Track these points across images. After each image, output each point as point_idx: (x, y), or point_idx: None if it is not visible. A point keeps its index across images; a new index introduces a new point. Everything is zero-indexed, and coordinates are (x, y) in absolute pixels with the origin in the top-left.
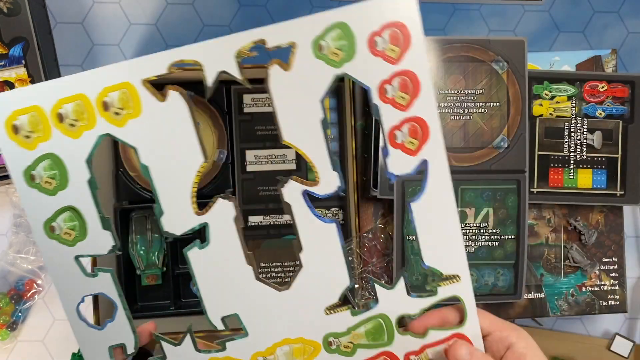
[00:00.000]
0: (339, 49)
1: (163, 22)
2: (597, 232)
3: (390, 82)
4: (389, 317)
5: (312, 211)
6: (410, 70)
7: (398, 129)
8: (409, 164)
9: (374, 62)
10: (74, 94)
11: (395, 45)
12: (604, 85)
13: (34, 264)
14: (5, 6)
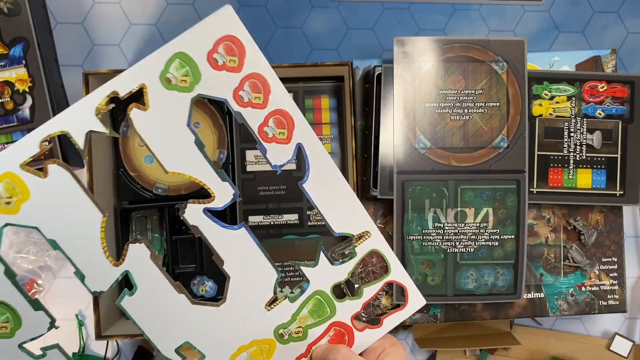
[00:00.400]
0: (185, 76)
1: (163, 22)
2: (596, 232)
3: (242, 88)
4: (324, 291)
5: (219, 224)
6: (255, 72)
7: (265, 125)
8: (286, 152)
9: (220, 77)
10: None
11: (233, 56)
12: (603, 85)
13: (34, 264)
14: (6, 6)
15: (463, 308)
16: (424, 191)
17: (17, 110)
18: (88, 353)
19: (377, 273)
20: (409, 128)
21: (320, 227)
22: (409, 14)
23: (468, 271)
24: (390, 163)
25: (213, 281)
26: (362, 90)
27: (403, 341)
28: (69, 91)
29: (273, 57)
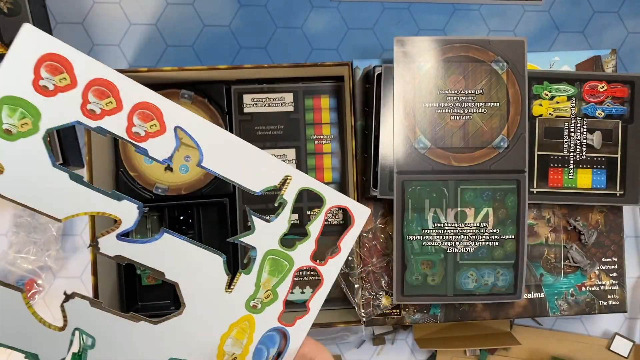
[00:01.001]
0: (23, 119)
1: (163, 22)
2: (596, 232)
3: (89, 101)
4: (273, 249)
5: (138, 242)
6: (93, 78)
7: (132, 126)
8: (168, 141)
9: (59, 101)
10: None
11: (61, 74)
12: (603, 85)
13: (35, 264)
14: (6, 6)
15: (463, 308)
16: (424, 191)
17: None
18: None
19: (377, 273)
20: (409, 128)
21: None
22: (409, 14)
23: (468, 271)
24: (390, 163)
25: None
26: (362, 90)
27: (403, 341)
28: None
29: (273, 57)
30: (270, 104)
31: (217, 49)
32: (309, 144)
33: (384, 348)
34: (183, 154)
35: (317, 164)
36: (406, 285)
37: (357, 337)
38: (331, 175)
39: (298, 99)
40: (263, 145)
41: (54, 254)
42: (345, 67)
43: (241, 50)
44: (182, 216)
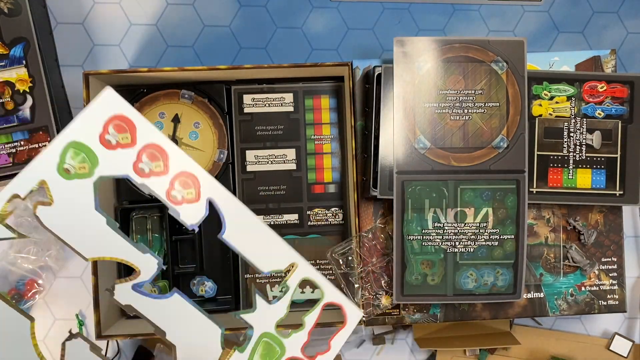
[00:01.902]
0: (82, 163)
1: (163, 22)
2: (596, 232)
3: (141, 160)
4: (269, 332)
5: (151, 296)
6: (150, 142)
7: (172, 189)
8: (199, 209)
9: (117, 155)
10: None
11: (124, 133)
12: (603, 85)
13: (35, 264)
14: (6, 7)
15: (463, 308)
16: (423, 191)
17: (17, 111)
18: None
19: (376, 273)
20: (409, 128)
21: (320, 227)
22: (409, 14)
23: (468, 271)
24: (390, 163)
25: (213, 281)
26: (362, 90)
27: (403, 341)
28: (69, 91)
29: (273, 57)
30: (271, 104)
31: (218, 49)
32: (309, 144)
33: (384, 348)
34: None
35: (317, 164)
36: (406, 285)
37: (357, 336)
38: (331, 175)
39: (298, 99)
40: (263, 145)
41: (55, 253)
42: (345, 67)
43: (241, 50)
44: None
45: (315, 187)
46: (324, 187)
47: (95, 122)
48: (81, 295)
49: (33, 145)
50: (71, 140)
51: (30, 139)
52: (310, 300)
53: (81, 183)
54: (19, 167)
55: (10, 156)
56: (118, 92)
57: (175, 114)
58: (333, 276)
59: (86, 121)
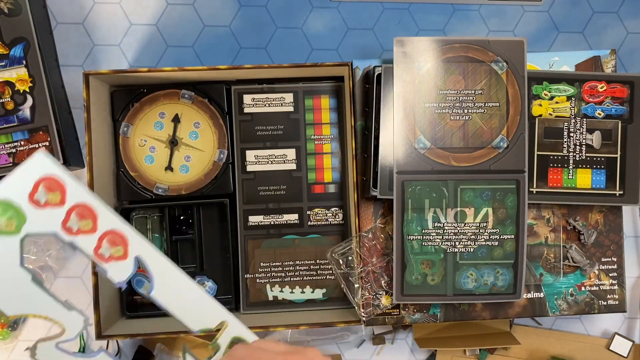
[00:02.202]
0: (10, 219)
1: (164, 22)
2: (596, 232)
3: (69, 219)
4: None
5: (76, 355)
6: (79, 202)
7: (99, 248)
8: (126, 267)
9: (45, 214)
10: None
11: (54, 192)
12: (603, 85)
13: (35, 264)
14: (6, 7)
15: (463, 308)
16: (423, 191)
17: (17, 110)
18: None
19: (376, 273)
20: (409, 128)
21: (320, 227)
22: (409, 14)
23: (468, 271)
24: (390, 163)
25: (213, 281)
26: (362, 90)
27: (403, 341)
28: (69, 91)
29: (273, 57)
30: (271, 104)
31: (218, 49)
32: (309, 144)
33: (384, 348)
34: (183, 154)
35: (317, 164)
36: (406, 285)
37: (357, 336)
38: (331, 175)
39: (298, 99)
40: (263, 145)
41: (55, 253)
42: (345, 67)
43: (241, 50)
44: (182, 216)
45: (315, 187)
46: (324, 187)
47: (25, 182)
48: (81, 295)
49: (33, 145)
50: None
51: (30, 139)
52: (310, 300)
53: (7, 239)
54: None
55: (10, 156)
56: (118, 92)
57: (175, 114)
58: (333, 276)
59: (16, 181)
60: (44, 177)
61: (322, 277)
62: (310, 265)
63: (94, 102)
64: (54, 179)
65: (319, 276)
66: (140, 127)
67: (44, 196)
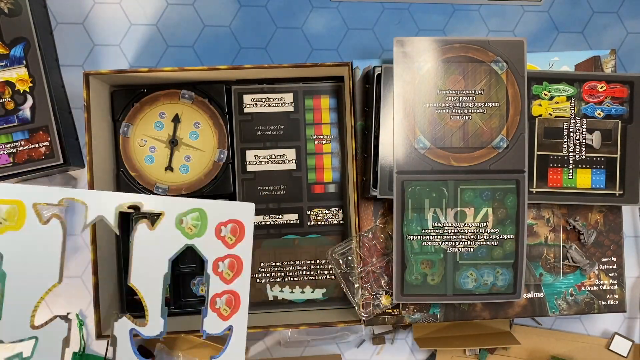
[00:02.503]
0: (194, 226)
1: (164, 22)
2: (596, 232)
3: (223, 260)
4: None
5: (133, 348)
6: (239, 255)
7: (219, 297)
8: (219, 326)
9: (216, 243)
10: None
11: (233, 235)
12: (603, 85)
13: None
14: (6, 7)
15: (463, 308)
16: (423, 191)
17: (17, 110)
18: (88, 352)
19: (376, 273)
20: (409, 128)
21: (320, 227)
22: (409, 14)
23: (468, 271)
24: (390, 163)
25: None
26: (362, 90)
27: (402, 340)
28: (70, 91)
29: (273, 57)
30: (271, 104)
31: (218, 49)
32: (309, 144)
33: (384, 347)
34: (183, 154)
35: (317, 164)
36: (406, 284)
37: (357, 336)
38: (331, 175)
39: (298, 99)
40: (263, 145)
41: None
42: (345, 67)
43: (241, 50)
44: None
45: (315, 187)
46: (324, 187)
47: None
48: (81, 295)
49: (33, 145)
50: (202, 208)
51: (30, 138)
52: (310, 300)
53: (180, 237)
54: (19, 167)
55: (10, 156)
56: (118, 92)
57: (175, 114)
58: (333, 276)
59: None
60: (238, 220)
61: (322, 277)
62: (310, 265)
63: (94, 102)
64: (243, 227)
65: (319, 276)
66: (140, 127)
67: (225, 232)
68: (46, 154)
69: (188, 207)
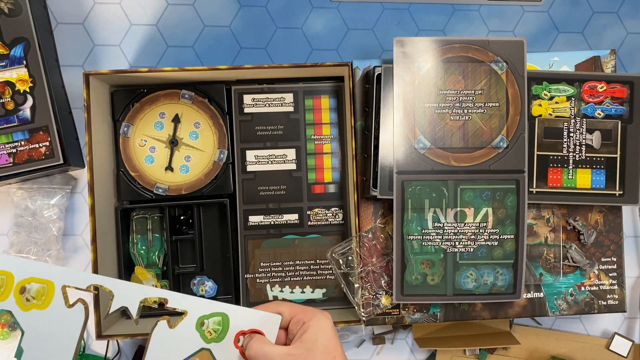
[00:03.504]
0: (214, 331)
1: (164, 22)
2: (596, 232)
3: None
4: None
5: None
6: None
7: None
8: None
9: (233, 352)
10: (3, 269)
11: None
12: (603, 85)
13: None
14: (7, 7)
15: (463, 307)
16: (423, 191)
17: (17, 110)
18: (89, 353)
19: (376, 273)
20: (409, 128)
21: (320, 227)
22: (409, 14)
23: (468, 271)
24: (390, 163)
25: (213, 281)
26: (362, 91)
27: (402, 340)
28: (70, 91)
29: (273, 57)
30: (271, 104)
31: (218, 49)
32: (309, 144)
33: (384, 347)
34: (183, 154)
35: (317, 164)
36: (406, 284)
37: (357, 336)
38: (331, 175)
39: (298, 99)
40: (263, 145)
41: (55, 253)
42: (345, 67)
43: (241, 50)
44: (183, 216)
45: (315, 187)
46: (324, 187)
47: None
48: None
49: (33, 145)
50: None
51: (30, 138)
52: (310, 300)
53: (198, 339)
54: (19, 167)
55: (10, 156)
56: (118, 92)
57: (175, 114)
58: (333, 276)
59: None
60: (260, 331)
61: (322, 277)
62: (310, 265)
63: (94, 102)
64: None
65: (319, 276)
66: (140, 127)
67: (245, 340)
68: (46, 154)
69: (212, 309)
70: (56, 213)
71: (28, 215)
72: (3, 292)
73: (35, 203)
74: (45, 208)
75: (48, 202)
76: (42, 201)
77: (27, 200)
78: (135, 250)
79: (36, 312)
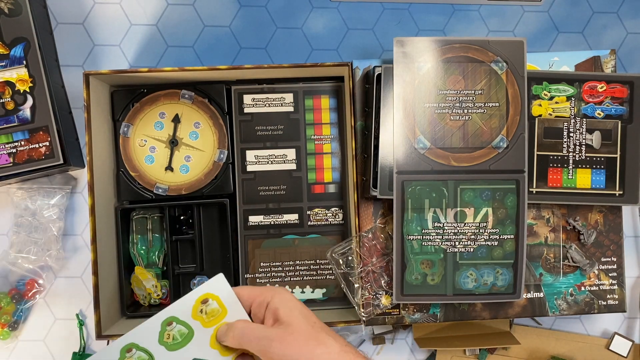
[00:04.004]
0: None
1: (164, 22)
2: (596, 232)
3: None
4: None
5: None
6: None
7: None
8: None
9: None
10: None
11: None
12: (603, 85)
13: (35, 264)
14: (7, 7)
15: (463, 307)
16: (423, 191)
17: (17, 110)
18: (89, 352)
19: (376, 273)
20: (409, 128)
21: (320, 227)
22: (409, 14)
23: (468, 271)
24: (390, 163)
25: None
26: (362, 91)
27: (402, 340)
28: (70, 91)
29: (273, 57)
30: (271, 104)
31: (218, 49)
32: (309, 144)
33: (384, 347)
34: (183, 154)
35: (317, 164)
36: (406, 284)
37: (357, 336)
38: (331, 175)
39: (298, 99)
40: (263, 145)
41: (55, 253)
42: (345, 67)
43: (241, 50)
44: (183, 216)
45: (315, 187)
46: (324, 187)
47: None
48: (81, 295)
49: (33, 145)
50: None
51: (30, 138)
52: (310, 300)
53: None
54: (19, 167)
55: (10, 156)
56: (118, 92)
57: (175, 114)
58: (333, 276)
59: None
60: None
61: (322, 277)
62: (310, 265)
63: (94, 102)
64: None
65: (319, 276)
66: (140, 127)
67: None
68: (46, 154)
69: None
70: (56, 213)
71: (28, 215)
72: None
73: (35, 203)
74: (45, 208)
75: (48, 202)
76: (42, 201)
77: (27, 200)
78: (135, 250)
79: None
